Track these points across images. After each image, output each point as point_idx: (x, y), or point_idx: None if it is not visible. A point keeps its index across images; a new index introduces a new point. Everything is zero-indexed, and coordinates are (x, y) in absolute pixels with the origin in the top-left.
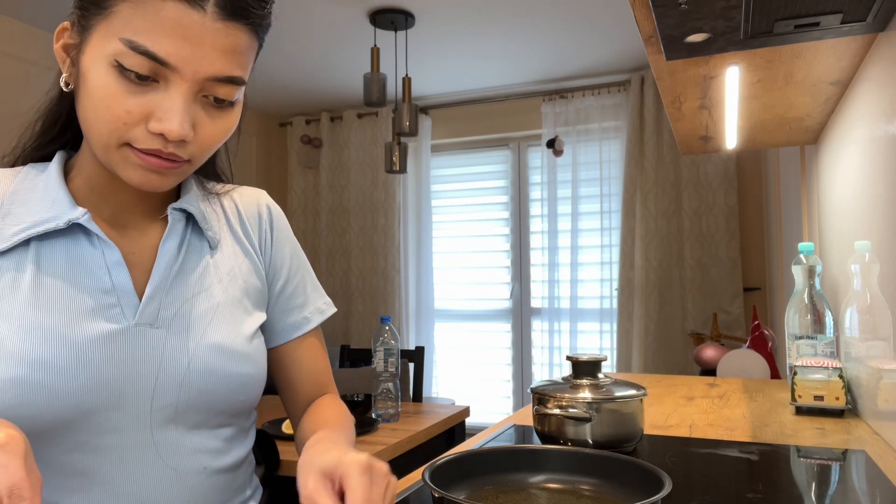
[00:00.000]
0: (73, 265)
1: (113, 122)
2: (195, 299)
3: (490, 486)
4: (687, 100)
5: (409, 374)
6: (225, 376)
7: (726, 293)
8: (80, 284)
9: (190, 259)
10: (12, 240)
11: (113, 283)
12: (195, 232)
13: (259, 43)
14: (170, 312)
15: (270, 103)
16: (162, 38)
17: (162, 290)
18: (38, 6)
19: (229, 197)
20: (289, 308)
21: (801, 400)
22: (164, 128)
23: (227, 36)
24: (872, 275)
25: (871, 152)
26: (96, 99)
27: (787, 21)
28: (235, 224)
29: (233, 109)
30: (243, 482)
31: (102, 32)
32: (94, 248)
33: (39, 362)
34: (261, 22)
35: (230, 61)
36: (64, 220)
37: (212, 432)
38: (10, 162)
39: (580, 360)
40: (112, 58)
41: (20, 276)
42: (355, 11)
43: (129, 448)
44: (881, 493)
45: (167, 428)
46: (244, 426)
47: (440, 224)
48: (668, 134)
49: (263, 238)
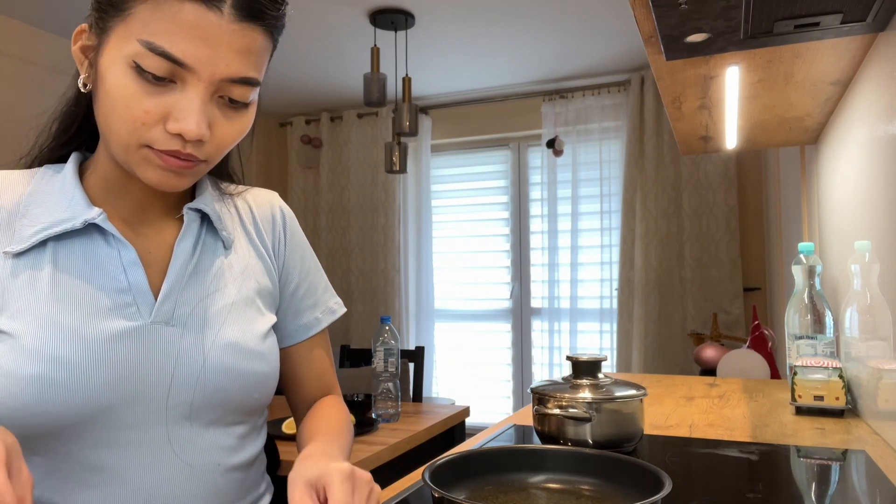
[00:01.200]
0: (90, 265)
1: (132, 122)
2: (210, 298)
3: (490, 486)
4: (687, 100)
5: (409, 374)
6: (240, 374)
7: (726, 293)
8: (97, 283)
9: (205, 259)
10: (30, 240)
11: (129, 282)
12: (210, 232)
13: (273, 44)
14: (185, 311)
15: (270, 103)
16: (179, 39)
17: (177, 289)
18: (38, 6)
19: (242, 198)
20: (301, 309)
21: (801, 400)
22: (181, 128)
23: (244, 37)
24: (872, 275)
25: (870, 152)
26: (115, 99)
27: (787, 21)
28: (249, 225)
29: (247, 110)
30: (256, 479)
31: (120, 34)
32: (111, 248)
33: (58, 359)
34: (276, 23)
35: (246, 62)
36: (80, 221)
37: (226, 429)
38: (27, 163)
39: (580, 360)
40: (130, 59)
41: (38, 274)
42: (355, 11)
43: (145, 444)
44: (881, 493)
45: (183, 425)
46: (257, 424)
47: (440, 224)
48: (668, 134)
49: (277, 241)
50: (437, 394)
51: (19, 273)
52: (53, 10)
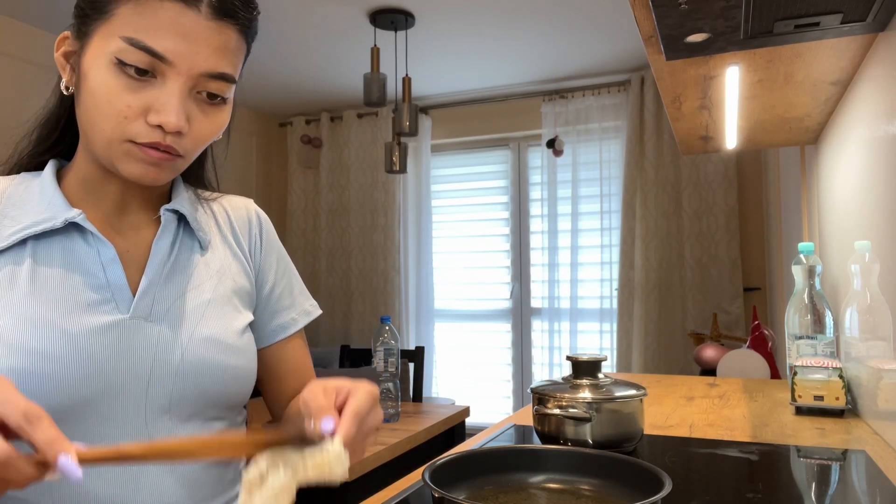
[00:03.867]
0: (69, 262)
1: (115, 117)
2: (187, 295)
3: (490, 486)
4: (687, 100)
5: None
6: (217, 368)
7: (726, 293)
8: (76, 280)
9: (182, 257)
10: (10, 239)
11: (108, 279)
12: (187, 233)
13: (247, 48)
14: (163, 307)
15: (270, 103)
16: (160, 35)
17: (155, 286)
18: (38, 6)
19: (219, 203)
20: (277, 310)
21: (801, 400)
22: (162, 119)
23: (220, 34)
24: (872, 275)
25: (870, 152)
26: (98, 96)
27: (787, 21)
28: (226, 228)
29: (224, 107)
30: (235, 476)
31: (103, 34)
32: (90, 247)
33: (37, 352)
34: (248, 24)
35: (222, 58)
36: (61, 220)
37: (205, 424)
38: (6, 171)
39: (580, 360)
40: (113, 56)
41: (18, 270)
42: (355, 11)
43: (124, 437)
44: (881, 493)
45: (161, 418)
46: (236, 421)
47: (440, 224)
48: (668, 134)
49: (253, 243)
50: (437, 394)
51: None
52: (53, 10)
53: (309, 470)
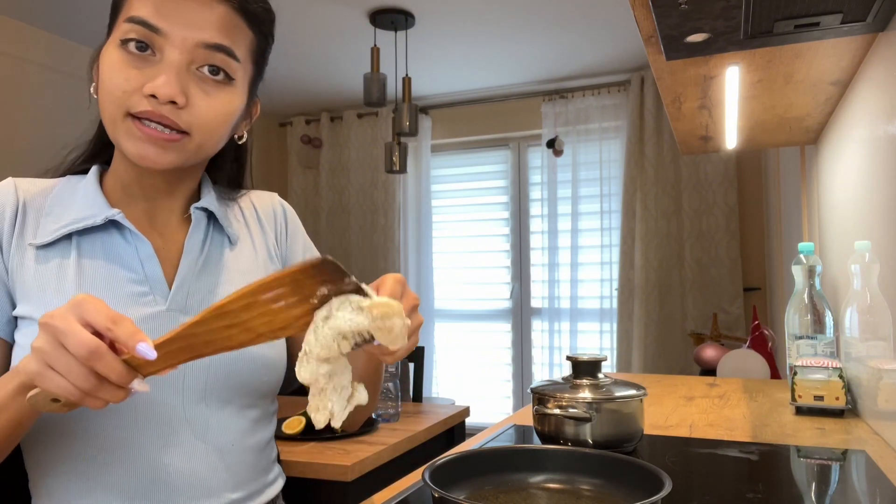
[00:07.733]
0: (111, 257)
1: (116, 91)
2: (220, 289)
3: (490, 486)
4: (687, 100)
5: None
6: (249, 358)
7: (726, 293)
8: (119, 274)
9: (213, 254)
10: (55, 234)
11: (146, 273)
12: (217, 230)
13: (253, 35)
14: (197, 300)
15: (270, 103)
16: (156, 8)
17: (189, 280)
18: (38, 6)
19: (246, 199)
20: None
21: (801, 400)
22: (153, 86)
23: (213, 9)
24: (872, 275)
25: (870, 152)
26: (105, 78)
27: (787, 21)
28: (254, 223)
29: (228, 89)
30: (267, 464)
31: (116, 28)
32: (128, 244)
33: None
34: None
35: (215, 30)
36: (101, 217)
37: (239, 412)
38: (56, 174)
39: (580, 360)
40: (118, 39)
41: (66, 262)
42: (355, 11)
43: (162, 422)
44: (881, 493)
45: (198, 405)
46: (268, 410)
47: (440, 224)
48: (668, 134)
49: (279, 233)
50: (437, 394)
51: (47, 260)
52: (53, 10)
53: (375, 318)
